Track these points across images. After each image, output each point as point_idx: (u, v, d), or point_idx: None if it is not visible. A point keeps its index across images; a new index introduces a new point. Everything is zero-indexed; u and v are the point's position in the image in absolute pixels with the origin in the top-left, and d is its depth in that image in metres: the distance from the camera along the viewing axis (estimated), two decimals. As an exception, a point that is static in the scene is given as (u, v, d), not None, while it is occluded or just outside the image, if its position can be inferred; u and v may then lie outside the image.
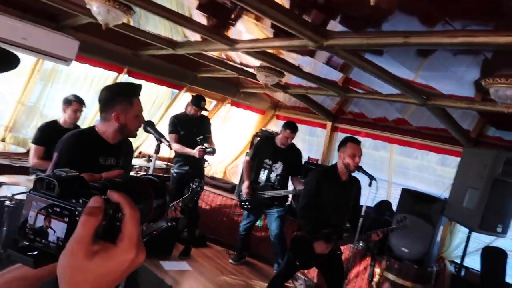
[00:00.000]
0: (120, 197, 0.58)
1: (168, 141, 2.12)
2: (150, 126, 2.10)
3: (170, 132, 5.09)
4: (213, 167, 7.47)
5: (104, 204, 0.56)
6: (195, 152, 4.84)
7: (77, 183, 0.59)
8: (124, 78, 5.38)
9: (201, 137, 4.98)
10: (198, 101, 5.06)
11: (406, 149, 5.84)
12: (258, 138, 6.44)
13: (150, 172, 2.12)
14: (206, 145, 4.91)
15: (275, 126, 7.44)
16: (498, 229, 3.83)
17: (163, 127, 6.13)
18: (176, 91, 6.21)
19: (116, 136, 2.13)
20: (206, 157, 5.09)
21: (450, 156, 5.27)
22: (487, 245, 4.55)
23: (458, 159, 4.67)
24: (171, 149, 2.13)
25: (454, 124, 4.51)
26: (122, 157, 2.25)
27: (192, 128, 5.14)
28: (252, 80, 5.47)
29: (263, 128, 7.04)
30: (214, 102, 7.07)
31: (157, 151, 2.14)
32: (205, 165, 5.24)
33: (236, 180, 7.05)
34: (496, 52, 2.35)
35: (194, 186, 3.04)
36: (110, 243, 0.56)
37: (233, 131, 7.46)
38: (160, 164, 5.43)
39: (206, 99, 6.90)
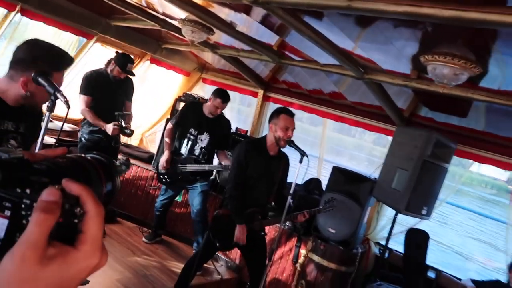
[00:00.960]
0: (81, 190, 0.52)
1: (65, 98, 1.91)
2: (42, 77, 1.88)
3: (82, 93, 4.78)
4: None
5: (61, 197, 0.50)
6: (109, 127, 4.66)
7: (21, 168, 0.51)
8: (16, 17, 4.87)
9: (119, 113, 4.79)
10: (124, 62, 4.78)
11: (341, 126, 6.07)
12: (182, 104, 6.31)
13: (41, 135, 1.92)
14: (123, 123, 4.74)
15: (201, 90, 7.33)
16: (423, 212, 4.16)
17: (72, 85, 5.73)
18: (84, 40, 5.80)
19: (17, 101, 1.92)
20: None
21: (384, 135, 5.56)
22: (411, 227, 4.94)
23: (390, 138, 4.95)
24: (68, 107, 1.92)
25: (389, 101, 4.72)
26: (24, 123, 2.07)
27: (110, 93, 4.90)
28: (176, 35, 5.27)
29: (187, 92, 6.89)
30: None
31: (51, 109, 1.94)
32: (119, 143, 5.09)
33: (154, 149, 6.89)
34: (437, 26, 2.46)
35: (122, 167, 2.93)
36: (68, 246, 0.51)
37: (152, 93, 7.25)
38: (66, 127, 5.10)
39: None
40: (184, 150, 4.95)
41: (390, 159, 4.49)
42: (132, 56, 4.99)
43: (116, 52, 5.05)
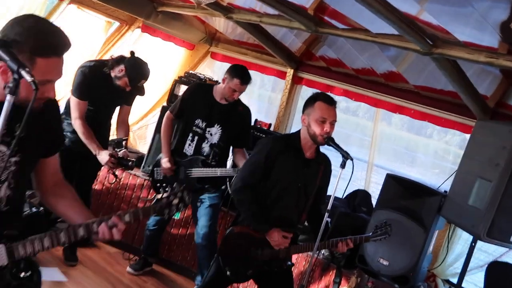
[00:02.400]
0: None
1: (32, 77, 1.90)
2: (1, 49, 1.88)
3: (76, 95, 4.80)
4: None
5: None
6: (102, 158, 4.69)
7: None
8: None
9: (115, 140, 4.89)
10: (137, 76, 4.81)
11: (399, 119, 6.03)
12: (184, 87, 6.33)
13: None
14: (121, 152, 4.81)
15: (209, 69, 7.35)
16: (512, 239, 4.10)
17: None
18: (55, 0, 5.87)
19: (3, 95, 1.96)
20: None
21: (459, 131, 5.49)
22: (494, 260, 4.86)
23: (467, 136, 4.86)
24: (35, 88, 1.90)
25: (468, 85, 4.65)
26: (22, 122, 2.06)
27: (109, 101, 5.04)
28: (177, -6, 5.32)
29: (190, 71, 6.93)
30: (116, 24, 6.85)
31: (13, 90, 1.94)
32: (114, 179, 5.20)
33: (144, 149, 6.95)
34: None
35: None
36: None
37: (144, 72, 7.31)
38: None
39: (102, 18, 6.64)
40: (188, 148, 4.96)
41: (466, 165, 4.42)
42: (148, 68, 5.00)
43: (131, 54, 5.04)
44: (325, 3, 4.34)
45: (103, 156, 4.67)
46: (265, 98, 7.00)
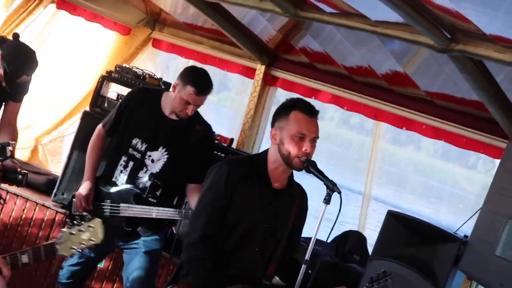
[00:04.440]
0: None
1: None
2: None
3: None
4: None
5: None
6: None
7: None
8: None
9: (1, 143, 4.79)
10: (16, 66, 4.74)
11: (406, 136, 6.08)
12: (114, 85, 6.27)
13: None
14: (5, 162, 4.71)
15: (150, 62, 7.36)
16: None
17: None
18: None
19: None
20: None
21: (484, 155, 5.57)
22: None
23: (497, 162, 4.92)
24: None
25: (498, 94, 4.72)
26: None
27: None
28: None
29: (125, 65, 6.87)
30: (18, -1, 6.80)
31: None
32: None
33: (58, 169, 6.88)
34: None
35: None
36: None
37: (59, 64, 7.30)
38: None
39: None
40: (119, 176, 4.91)
41: (494, 202, 4.49)
42: (36, 60, 4.92)
43: (14, 37, 4.94)
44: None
45: None
46: (225, 103, 7.01)
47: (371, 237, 5.54)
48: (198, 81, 4.64)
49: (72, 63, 7.39)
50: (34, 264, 2.59)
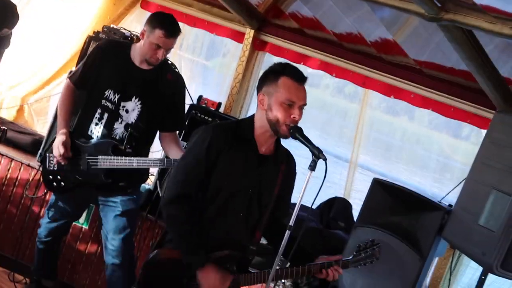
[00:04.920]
0: None
1: None
2: None
3: None
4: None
5: None
6: None
7: None
8: None
9: None
10: None
11: (394, 104, 6.08)
12: (97, 45, 6.25)
13: None
14: None
15: (138, 23, 7.30)
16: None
17: None
18: None
19: None
20: None
21: (471, 125, 5.60)
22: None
23: (483, 132, 4.93)
24: None
25: (487, 64, 4.72)
26: None
27: None
28: None
29: (112, 25, 6.81)
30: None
31: None
32: None
33: (44, 129, 6.87)
34: None
35: None
36: None
37: (45, 25, 7.28)
38: None
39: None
40: (94, 129, 4.90)
41: (479, 172, 4.51)
42: (15, 12, 4.84)
43: None
44: None
45: None
46: (214, 67, 6.97)
47: (357, 204, 5.56)
48: (166, 24, 4.64)
49: (59, 23, 7.32)
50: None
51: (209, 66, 7.03)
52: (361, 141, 6.15)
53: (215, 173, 3.64)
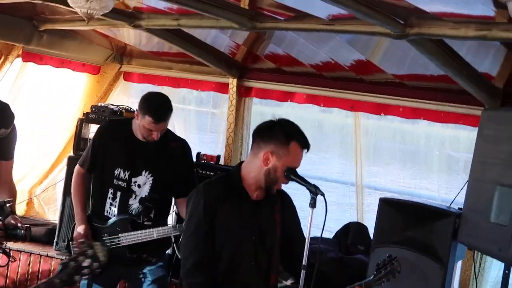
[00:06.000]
0: None
1: None
2: None
3: None
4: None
5: None
6: None
7: None
8: None
9: None
10: None
11: (385, 121, 6.14)
12: (95, 126, 6.28)
13: None
14: (10, 219, 4.71)
15: (124, 95, 7.41)
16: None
17: None
18: None
19: None
20: None
21: (464, 125, 5.64)
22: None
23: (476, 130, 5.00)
24: None
25: (463, 67, 4.79)
26: None
27: None
28: (64, 7, 5.33)
29: (100, 104, 6.89)
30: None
31: None
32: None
33: (55, 217, 6.90)
34: None
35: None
36: None
37: (36, 116, 7.32)
38: None
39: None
40: (110, 209, 4.92)
41: (479, 171, 4.54)
42: (10, 112, 4.90)
43: None
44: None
45: None
46: (205, 122, 7.04)
47: (372, 224, 5.54)
48: (154, 110, 4.68)
49: (49, 111, 7.44)
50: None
51: (201, 122, 7.10)
52: (362, 164, 6.19)
53: (217, 230, 3.67)
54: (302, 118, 6.17)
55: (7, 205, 4.80)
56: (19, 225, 4.67)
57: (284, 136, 3.60)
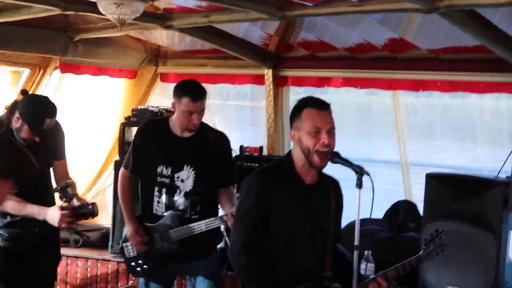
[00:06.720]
0: None
1: None
2: None
3: None
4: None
5: None
6: (52, 216, 4.69)
7: None
8: None
9: (61, 185, 4.86)
10: (37, 118, 4.80)
11: (426, 97, 6.12)
12: (135, 129, 6.37)
13: None
14: (75, 201, 4.79)
15: (163, 96, 7.48)
16: None
17: None
18: None
19: None
20: None
21: (505, 93, 5.65)
22: None
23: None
24: None
25: (498, 35, 4.77)
26: None
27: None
28: (95, 15, 5.42)
29: (140, 107, 6.99)
30: (26, 71, 7.00)
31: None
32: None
33: (108, 221, 7.01)
34: None
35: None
36: None
37: (78, 124, 7.40)
38: None
39: (6, 68, 6.75)
40: (158, 207, 4.98)
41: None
42: (50, 102, 5.01)
43: (22, 93, 5.06)
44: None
45: (53, 214, 4.66)
46: (245, 115, 7.08)
47: (422, 202, 5.53)
48: (189, 89, 4.78)
49: (91, 119, 7.57)
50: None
51: (240, 115, 7.14)
52: (404, 142, 6.18)
53: (272, 215, 3.69)
54: (341, 102, 6.15)
55: (69, 188, 4.91)
56: (85, 203, 4.78)
57: (297, 110, 3.69)
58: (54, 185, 5.06)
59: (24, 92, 5.03)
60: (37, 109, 4.79)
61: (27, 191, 4.85)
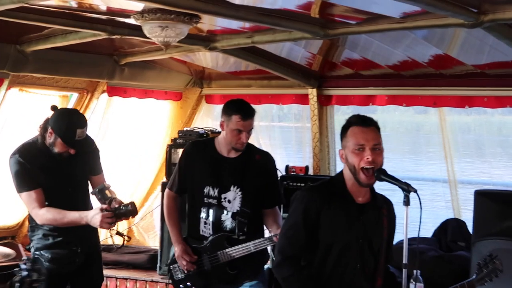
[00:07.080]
0: None
1: None
2: None
3: (23, 189, 4.95)
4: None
5: None
6: (93, 218, 4.75)
7: None
8: None
9: (98, 188, 4.92)
10: (68, 130, 4.91)
11: (468, 112, 6.06)
12: (181, 151, 6.43)
13: None
14: (113, 202, 4.83)
15: (208, 117, 7.55)
16: None
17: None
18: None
19: None
20: None
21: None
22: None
23: None
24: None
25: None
26: None
27: (64, 179, 5.11)
28: (140, 39, 5.51)
29: (186, 128, 7.07)
30: (74, 95, 7.10)
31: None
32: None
33: (156, 243, 7.06)
34: None
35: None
36: None
37: (125, 147, 7.53)
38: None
39: (54, 93, 6.89)
40: (205, 228, 5.00)
41: None
42: (80, 115, 5.12)
43: (53, 109, 5.19)
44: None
45: (94, 217, 4.72)
46: (290, 135, 7.07)
47: (471, 220, 5.47)
48: (239, 108, 4.80)
49: (138, 141, 7.66)
50: None
51: (285, 135, 7.15)
52: (452, 159, 6.12)
53: (321, 232, 3.69)
54: (390, 121, 6.13)
55: (106, 190, 4.96)
56: (123, 203, 4.82)
57: (344, 129, 3.72)
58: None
59: (53, 107, 5.08)
60: (67, 121, 4.92)
61: (67, 203, 4.96)
